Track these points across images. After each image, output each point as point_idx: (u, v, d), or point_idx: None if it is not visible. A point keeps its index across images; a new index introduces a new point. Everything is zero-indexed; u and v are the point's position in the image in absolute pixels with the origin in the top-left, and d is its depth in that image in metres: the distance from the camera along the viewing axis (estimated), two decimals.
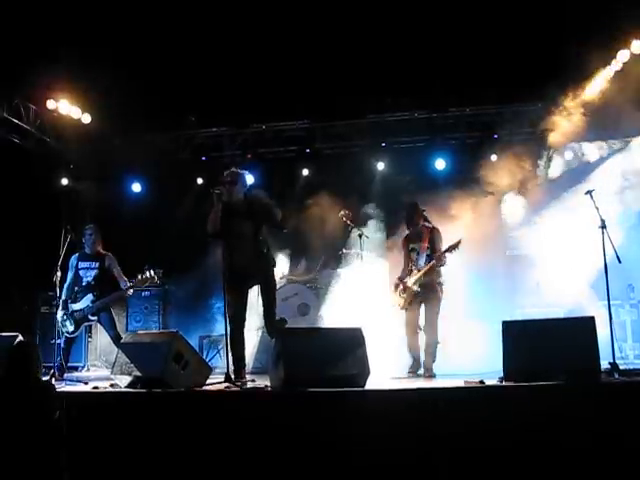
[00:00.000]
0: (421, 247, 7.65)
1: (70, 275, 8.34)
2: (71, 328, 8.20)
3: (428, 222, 7.97)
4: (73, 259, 8.41)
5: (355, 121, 12.11)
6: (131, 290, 8.40)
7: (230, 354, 6.66)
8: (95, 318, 8.29)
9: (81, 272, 8.40)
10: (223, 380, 6.23)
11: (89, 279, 8.36)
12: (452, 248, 7.47)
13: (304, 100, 11.42)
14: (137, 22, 9.77)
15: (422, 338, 7.51)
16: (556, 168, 10.85)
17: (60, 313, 8.06)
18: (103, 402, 5.87)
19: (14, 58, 9.63)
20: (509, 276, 9.54)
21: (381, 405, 5.34)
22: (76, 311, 8.28)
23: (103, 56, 9.92)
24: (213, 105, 11.57)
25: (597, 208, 6.79)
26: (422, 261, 7.62)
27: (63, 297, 7.89)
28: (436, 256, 7.51)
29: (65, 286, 8.05)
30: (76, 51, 9.84)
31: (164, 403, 5.63)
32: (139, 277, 8.41)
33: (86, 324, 8.41)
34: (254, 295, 7.62)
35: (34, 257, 9.86)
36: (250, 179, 7.41)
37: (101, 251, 8.51)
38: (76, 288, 8.36)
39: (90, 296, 8.26)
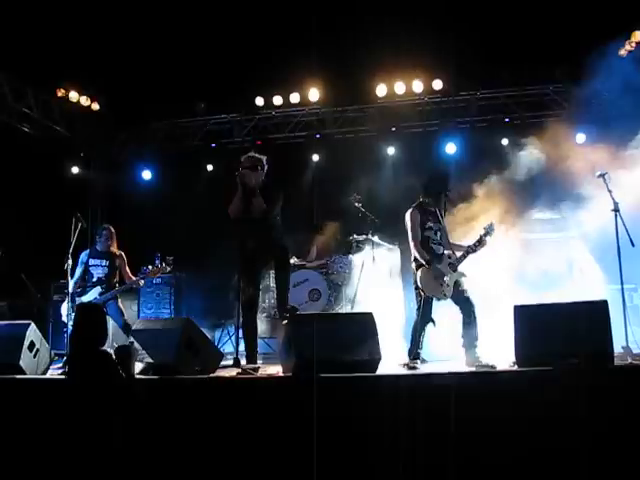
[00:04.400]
0: (440, 228, 7.05)
1: (79, 270, 8.32)
2: None
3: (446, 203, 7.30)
4: (84, 255, 8.40)
5: (365, 106, 12.06)
6: (142, 281, 8.43)
7: (242, 339, 6.67)
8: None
9: (91, 269, 8.39)
10: (232, 364, 6.22)
11: (100, 275, 8.36)
12: (488, 232, 6.98)
13: (314, 85, 11.40)
14: (146, 10, 9.76)
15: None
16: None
17: (66, 306, 8.05)
18: None
19: (23, 47, 9.64)
20: (521, 260, 9.46)
21: (392, 391, 5.33)
22: None
23: (112, 44, 9.92)
24: (222, 92, 11.56)
25: (610, 191, 6.72)
26: (444, 244, 7.03)
27: (70, 290, 7.87)
28: (482, 240, 6.95)
29: (72, 280, 7.99)
30: (85, 39, 9.84)
31: (176, 389, 5.64)
32: (150, 268, 8.46)
33: None
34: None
35: (45, 245, 9.89)
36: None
37: (113, 250, 8.51)
38: (87, 283, 8.39)
39: (98, 289, 8.28)
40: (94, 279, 8.37)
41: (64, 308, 8.21)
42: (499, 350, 6.52)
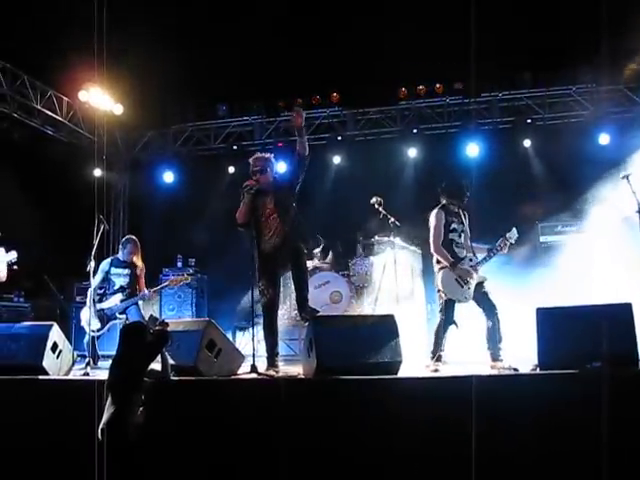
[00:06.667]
0: (463, 230, 7.00)
1: (99, 278, 8.31)
2: (96, 326, 8.14)
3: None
4: (105, 264, 8.42)
5: (387, 107, 12.05)
6: (155, 295, 8.53)
7: (264, 341, 6.66)
8: (123, 316, 8.31)
9: (113, 277, 8.43)
10: (249, 371, 6.20)
11: (122, 283, 8.41)
12: (510, 237, 6.89)
13: (336, 87, 11.42)
14: (167, 13, 9.81)
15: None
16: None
17: (86, 312, 8.08)
18: None
19: (47, 51, 9.74)
20: (542, 264, 9.42)
21: (413, 393, 5.30)
22: (104, 309, 8.33)
23: (135, 47, 9.98)
24: (244, 94, 11.60)
25: (634, 192, 6.64)
26: (468, 245, 6.98)
27: (90, 297, 7.89)
28: (502, 245, 6.87)
29: (93, 288, 8.00)
30: (108, 43, 9.90)
31: (196, 391, 5.65)
32: (171, 278, 8.60)
33: (113, 322, 8.37)
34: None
35: (69, 247, 9.97)
36: (278, 165, 7.38)
37: (135, 261, 8.55)
38: (107, 291, 8.46)
39: (120, 295, 8.33)
40: (116, 287, 8.41)
41: (84, 314, 8.24)
42: (521, 353, 6.47)
